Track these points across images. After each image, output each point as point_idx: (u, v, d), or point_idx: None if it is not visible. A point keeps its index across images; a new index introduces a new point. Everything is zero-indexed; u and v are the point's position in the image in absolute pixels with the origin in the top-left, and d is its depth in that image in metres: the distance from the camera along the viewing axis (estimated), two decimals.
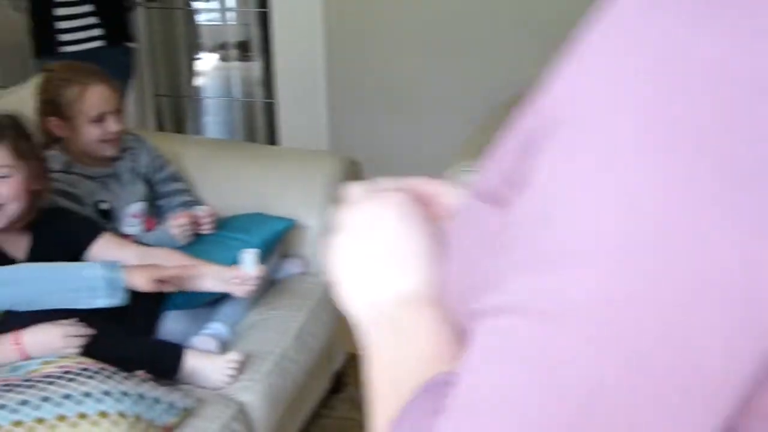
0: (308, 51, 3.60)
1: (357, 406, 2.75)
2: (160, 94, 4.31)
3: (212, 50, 5.63)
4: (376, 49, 3.58)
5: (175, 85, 4.47)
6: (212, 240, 2.39)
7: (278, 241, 2.44)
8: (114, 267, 1.99)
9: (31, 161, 2.11)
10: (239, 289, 2.11)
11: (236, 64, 4.88)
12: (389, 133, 3.62)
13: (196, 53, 4.85)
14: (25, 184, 2.09)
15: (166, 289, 2.06)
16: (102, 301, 1.95)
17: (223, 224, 2.48)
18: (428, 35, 3.50)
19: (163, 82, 4.35)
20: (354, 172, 2.71)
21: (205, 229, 2.45)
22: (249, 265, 2.08)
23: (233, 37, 5.06)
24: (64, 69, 2.47)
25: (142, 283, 2.00)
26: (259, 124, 4.34)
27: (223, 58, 5.57)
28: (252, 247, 2.19)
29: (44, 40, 3.35)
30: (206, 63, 5.46)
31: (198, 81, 4.92)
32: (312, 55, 3.60)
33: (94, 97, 2.38)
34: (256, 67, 4.53)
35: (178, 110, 4.53)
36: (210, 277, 2.13)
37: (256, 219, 2.48)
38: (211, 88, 5.19)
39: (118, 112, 2.43)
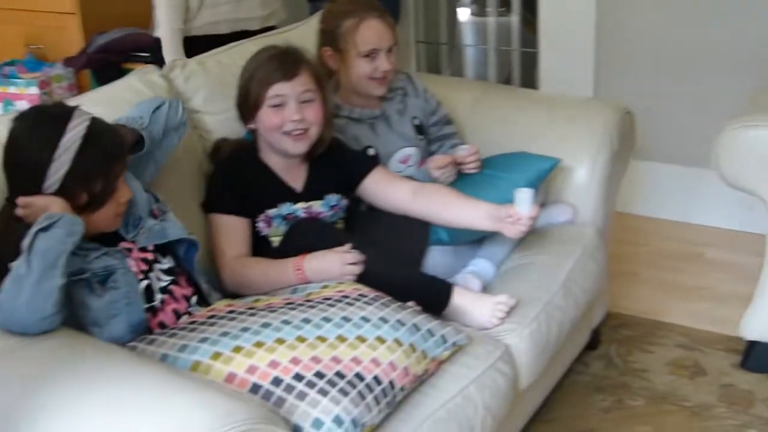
0: (578, 2, 3.50)
1: (611, 365, 2.67)
2: (420, 41, 4.33)
3: (469, 4, 5.58)
4: (647, 4, 3.42)
5: (432, 33, 4.47)
6: (477, 179, 2.36)
7: (543, 179, 2.37)
8: None
9: (323, 92, 2.17)
10: (511, 229, 2.05)
11: (491, 20, 4.80)
12: (657, 91, 3.45)
13: (455, 4, 4.82)
14: (323, 111, 2.15)
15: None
16: None
17: (486, 163, 2.44)
18: None
19: (421, 29, 4.36)
20: (628, 122, 2.60)
21: (469, 168, 2.41)
22: (524, 204, 2.02)
23: None
24: (346, 2, 2.50)
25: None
26: (515, 75, 4.27)
27: (478, 13, 5.50)
28: (518, 185, 2.11)
29: None
30: (462, 15, 5.41)
31: (454, 32, 4.89)
32: (582, 5, 3.49)
33: (369, 31, 2.39)
34: (510, 21, 4.44)
35: (434, 59, 4.54)
36: (482, 215, 2.09)
37: (521, 157, 2.42)
38: (466, 40, 5.15)
39: (390, 50, 2.43)
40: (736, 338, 2.65)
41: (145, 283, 1.81)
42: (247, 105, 2.13)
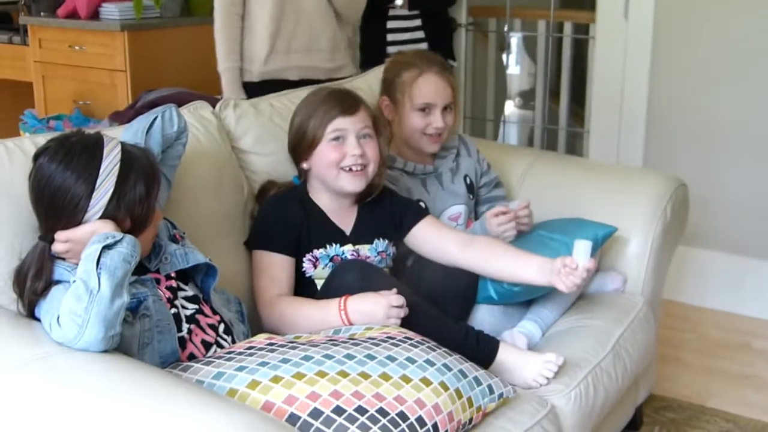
0: (630, 87, 3.50)
1: None
2: (466, 116, 4.33)
3: (515, 96, 5.59)
4: (700, 89, 3.40)
5: (479, 111, 4.47)
6: (531, 239, 2.28)
7: (599, 246, 2.30)
8: None
9: (379, 135, 2.14)
10: (564, 282, 1.95)
11: (530, 113, 4.79)
12: (708, 177, 3.40)
13: (503, 87, 4.83)
14: (380, 151, 2.11)
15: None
16: None
17: (541, 226, 2.37)
18: (756, 76, 3.28)
19: (467, 105, 4.36)
20: (681, 194, 2.54)
21: (522, 223, 2.33)
22: (582, 255, 1.93)
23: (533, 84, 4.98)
24: (411, 54, 2.49)
25: None
26: (561, 151, 4.25)
27: (523, 106, 5.52)
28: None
29: (373, 51, 3.43)
30: (508, 108, 5.41)
31: (501, 110, 4.90)
32: (634, 91, 3.49)
33: (426, 86, 2.36)
34: (558, 109, 4.43)
35: (478, 135, 4.53)
36: (535, 267, 2.02)
37: (577, 223, 2.35)
38: (512, 125, 5.15)
39: (447, 109, 2.40)
40: None
41: (172, 311, 1.74)
42: (304, 142, 2.09)
